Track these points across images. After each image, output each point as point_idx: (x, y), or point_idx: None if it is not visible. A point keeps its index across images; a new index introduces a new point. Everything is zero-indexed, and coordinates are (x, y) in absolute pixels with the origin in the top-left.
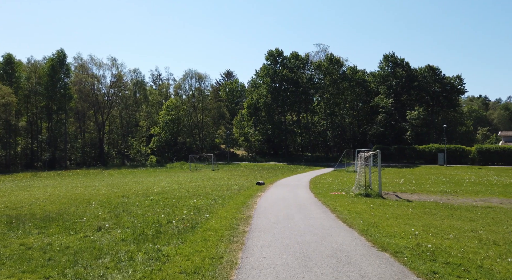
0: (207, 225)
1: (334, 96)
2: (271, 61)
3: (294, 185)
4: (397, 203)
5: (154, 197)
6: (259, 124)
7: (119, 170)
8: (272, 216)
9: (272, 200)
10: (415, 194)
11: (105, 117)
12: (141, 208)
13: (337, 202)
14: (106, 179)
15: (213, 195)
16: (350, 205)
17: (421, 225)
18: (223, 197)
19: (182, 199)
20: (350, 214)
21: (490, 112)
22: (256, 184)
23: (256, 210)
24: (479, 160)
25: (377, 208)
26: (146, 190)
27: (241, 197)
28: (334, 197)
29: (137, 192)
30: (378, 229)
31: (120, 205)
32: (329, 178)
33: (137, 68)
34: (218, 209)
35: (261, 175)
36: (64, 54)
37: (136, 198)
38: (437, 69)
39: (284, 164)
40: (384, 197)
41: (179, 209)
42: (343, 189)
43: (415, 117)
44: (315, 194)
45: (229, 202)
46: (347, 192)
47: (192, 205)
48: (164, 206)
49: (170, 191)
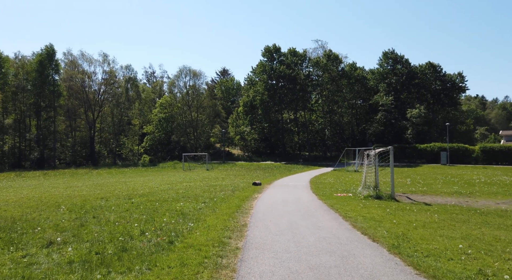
0: (189, 238)
1: (333, 94)
2: (268, 58)
3: (294, 186)
4: (415, 207)
5: (137, 199)
6: (256, 123)
7: (109, 170)
8: (273, 225)
9: (271, 203)
10: (427, 195)
11: (96, 115)
12: (116, 214)
13: (347, 206)
14: (93, 179)
15: (204, 197)
16: (362, 209)
17: (460, 237)
18: (215, 199)
19: (167, 202)
20: (367, 221)
21: (487, 111)
22: (253, 184)
23: (253, 216)
24: (483, 159)
25: (395, 213)
26: (131, 191)
27: (235, 199)
28: (341, 199)
29: (119, 194)
30: (411, 244)
31: (93, 210)
32: (330, 178)
33: (129, 64)
34: (208, 215)
35: (257, 175)
36: (53, 50)
37: (116, 201)
38: (437, 66)
39: (281, 164)
40: (398, 200)
41: (160, 215)
42: (348, 190)
43: (416, 115)
44: (319, 195)
45: (221, 205)
46: (354, 193)
47: (178, 209)
48: (144, 211)
49: (157, 192)
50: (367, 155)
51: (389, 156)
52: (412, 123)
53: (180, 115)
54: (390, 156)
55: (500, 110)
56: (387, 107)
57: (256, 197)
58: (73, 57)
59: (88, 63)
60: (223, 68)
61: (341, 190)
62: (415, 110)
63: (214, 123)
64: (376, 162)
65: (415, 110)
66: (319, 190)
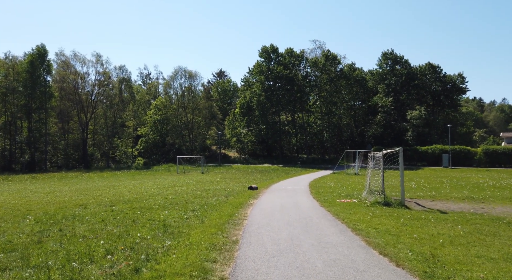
0: (163, 263)
1: (331, 95)
2: (265, 58)
3: (292, 190)
4: (431, 216)
5: (119, 206)
6: (252, 124)
7: (100, 173)
8: (269, 241)
9: (268, 211)
10: (437, 201)
11: (89, 116)
12: (88, 225)
13: (354, 215)
14: (81, 183)
15: (194, 204)
16: (372, 219)
17: (501, 257)
18: (205, 206)
19: (152, 210)
20: (382, 235)
21: (485, 114)
22: (248, 188)
23: (246, 228)
24: (486, 161)
25: (411, 224)
26: (117, 196)
27: (228, 206)
28: (346, 206)
29: (102, 200)
30: (449, 272)
31: (63, 220)
32: (330, 181)
33: (123, 65)
34: (194, 227)
35: (254, 178)
36: (45, 50)
37: (95, 209)
38: (437, 67)
39: (279, 166)
40: (408, 207)
41: (139, 227)
42: (351, 195)
43: (417, 117)
44: (320, 202)
45: (211, 214)
46: (359, 199)
47: (161, 219)
48: (122, 221)
49: (144, 198)
50: (372, 157)
51: (395, 159)
52: (412, 125)
53: (176, 117)
54: (400, 158)
55: (498, 112)
56: (386, 108)
57: (252, 204)
58: (66, 58)
59: (81, 63)
60: (220, 69)
61: (344, 195)
62: (415, 112)
63: (210, 125)
64: (382, 165)
65: (415, 112)
66: (319, 195)
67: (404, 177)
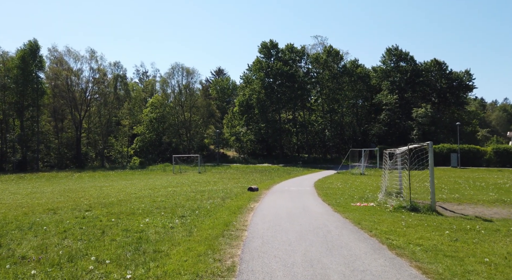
0: None
1: (333, 92)
2: (265, 54)
3: (297, 192)
4: (478, 225)
5: (96, 212)
6: (252, 123)
7: (92, 173)
8: (280, 268)
9: (272, 217)
10: (465, 204)
11: (83, 114)
12: (41, 239)
13: (381, 224)
14: (69, 183)
15: (185, 208)
16: (407, 231)
17: None
18: (198, 212)
19: (133, 216)
20: (436, 258)
21: (488, 113)
22: (248, 190)
23: (247, 245)
24: (496, 161)
25: (462, 238)
26: (101, 198)
27: (224, 211)
28: (365, 212)
29: (80, 203)
30: None
31: (16, 230)
32: (336, 182)
33: (118, 61)
34: (177, 242)
35: (253, 179)
36: (37, 45)
37: (65, 214)
38: (443, 64)
39: (279, 166)
40: (440, 213)
41: (106, 241)
42: (366, 198)
43: (422, 115)
44: (332, 206)
45: (203, 223)
46: (378, 203)
47: (138, 230)
48: (87, 233)
49: (130, 200)
50: (389, 155)
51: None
52: (418, 123)
53: (173, 115)
54: (429, 155)
55: (501, 112)
56: (391, 106)
57: (252, 208)
58: (59, 54)
59: (74, 59)
60: (219, 67)
61: (357, 197)
62: (421, 110)
63: (208, 124)
64: (399, 164)
65: (421, 110)
66: (329, 197)
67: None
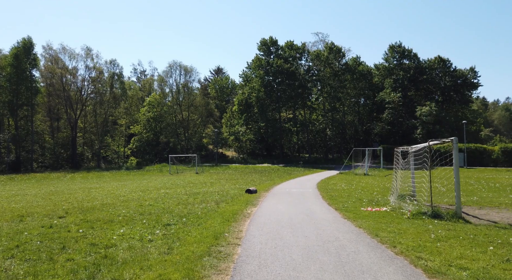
0: None
1: (335, 90)
2: (264, 52)
3: (299, 194)
4: None
5: (69, 218)
6: (251, 122)
7: (86, 174)
8: None
9: (272, 227)
10: (487, 208)
11: (78, 114)
12: None
13: (404, 237)
14: (59, 185)
15: (173, 215)
16: (441, 246)
17: None
18: (186, 219)
19: (111, 224)
20: None
21: (490, 113)
22: (246, 192)
23: (238, 270)
24: (504, 161)
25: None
26: (85, 202)
27: (217, 218)
28: (379, 218)
29: (57, 208)
30: None
31: None
32: (340, 182)
33: (114, 59)
34: (148, 265)
35: (252, 179)
36: (31, 43)
37: (32, 222)
38: (447, 61)
39: (280, 166)
40: (468, 220)
41: (58, 263)
42: (377, 202)
43: (427, 113)
44: (340, 211)
45: (188, 234)
46: (392, 208)
47: (108, 244)
48: (42, 248)
49: (113, 205)
50: (401, 154)
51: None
52: (422, 122)
53: (170, 114)
54: (454, 152)
55: (503, 111)
56: (394, 104)
57: (249, 214)
58: (54, 51)
59: (69, 57)
60: (218, 66)
61: (367, 201)
62: (425, 108)
63: (207, 123)
64: (412, 163)
65: (425, 108)
66: (335, 200)
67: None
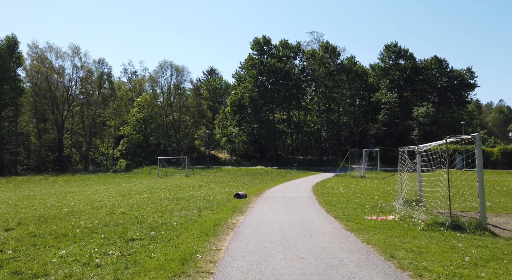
0: None
1: (330, 90)
2: (257, 51)
3: (293, 199)
4: None
5: (14, 232)
6: (244, 123)
7: (71, 177)
8: None
9: (259, 244)
10: (505, 216)
11: (65, 114)
12: None
13: (426, 257)
14: (35, 189)
15: (143, 226)
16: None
17: None
18: (155, 233)
19: (60, 240)
20: None
21: (484, 115)
22: (235, 196)
23: None
24: (503, 163)
25: None
26: (52, 209)
27: (194, 231)
28: (388, 231)
29: (12, 217)
30: None
31: None
32: (337, 186)
33: (102, 58)
34: None
35: (244, 182)
36: (15, 40)
37: None
38: (444, 61)
39: (273, 169)
40: (495, 233)
41: None
42: (380, 208)
43: (424, 114)
44: (341, 219)
45: (150, 256)
46: (400, 215)
47: (38, 274)
48: None
49: (81, 213)
50: (407, 153)
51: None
52: (418, 123)
53: (161, 115)
54: (477, 151)
55: (497, 113)
56: (390, 105)
57: (234, 224)
58: (40, 50)
59: (56, 56)
60: (211, 67)
61: (369, 207)
62: (422, 109)
63: (199, 124)
64: (419, 165)
65: (422, 109)
66: (333, 206)
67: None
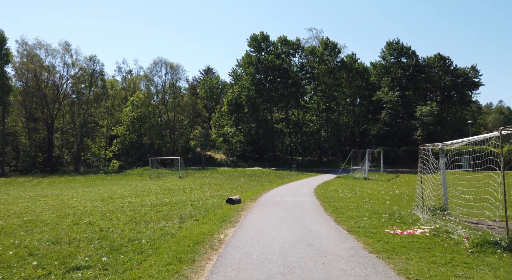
0: None
1: (330, 89)
2: (255, 48)
3: (295, 204)
4: None
5: None
6: (241, 123)
7: (58, 178)
8: None
9: (254, 274)
10: None
11: (55, 114)
12: None
13: None
14: (12, 192)
15: (101, 245)
16: None
17: None
18: (107, 259)
19: None
20: None
21: (484, 116)
22: (227, 202)
23: None
24: None
25: None
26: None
27: (164, 254)
28: (425, 253)
29: None
30: None
31: None
32: (341, 189)
33: (94, 55)
34: None
35: (240, 184)
36: (3, 37)
37: None
38: (448, 59)
39: (271, 170)
40: None
41: None
42: (401, 218)
43: (427, 113)
44: (356, 234)
45: None
46: (434, 230)
47: None
48: None
49: (42, 222)
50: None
51: None
52: (422, 122)
53: (155, 115)
54: None
55: (497, 114)
56: (392, 104)
57: (221, 242)
58: (29, 47)
59: (46, 53)
60: (207, 66)
61: (386, 216)
62: (426, 108)
63: (195, 124)
64: (443, 166)
65: (426, 108)
66: (342, 215)
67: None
